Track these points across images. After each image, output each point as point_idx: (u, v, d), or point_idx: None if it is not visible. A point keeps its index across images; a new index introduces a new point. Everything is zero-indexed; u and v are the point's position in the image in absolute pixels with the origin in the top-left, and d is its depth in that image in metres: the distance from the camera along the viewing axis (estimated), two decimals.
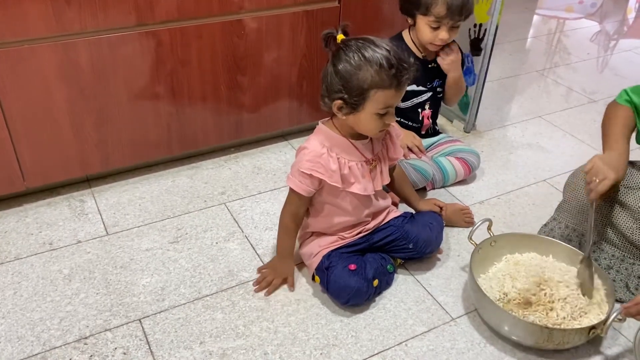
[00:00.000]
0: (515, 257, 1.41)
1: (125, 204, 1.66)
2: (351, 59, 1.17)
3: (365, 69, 1.16)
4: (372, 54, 1.16)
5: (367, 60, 1.16)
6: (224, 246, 1.52)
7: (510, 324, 1.24)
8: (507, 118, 2.24)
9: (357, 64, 1.16)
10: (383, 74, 1.16)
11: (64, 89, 1.49)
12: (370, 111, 1.20)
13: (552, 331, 1.19)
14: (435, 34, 1.62)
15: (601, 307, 1.28)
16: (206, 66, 1.66)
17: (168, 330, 1.27)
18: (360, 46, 1.17)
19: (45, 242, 1.51)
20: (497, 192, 1.79)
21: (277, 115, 1.88)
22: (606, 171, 1.26)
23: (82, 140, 1.59)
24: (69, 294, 1.35)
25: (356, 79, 1.17)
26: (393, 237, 1.40)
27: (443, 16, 1.58)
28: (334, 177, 1.27)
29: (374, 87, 1.17)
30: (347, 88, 1.19)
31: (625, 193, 1.35)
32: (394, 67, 1.16)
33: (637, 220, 1.33)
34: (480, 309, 1.33)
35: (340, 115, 1.23)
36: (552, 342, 1.21)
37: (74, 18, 1.41)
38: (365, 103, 1.19)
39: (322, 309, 1.34)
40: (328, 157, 1.26)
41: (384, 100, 1.19)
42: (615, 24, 3.49)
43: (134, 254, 1.48)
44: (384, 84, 1.17)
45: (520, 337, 1.24)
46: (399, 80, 1.17)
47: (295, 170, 1.28)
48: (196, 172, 1.82)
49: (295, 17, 1.72)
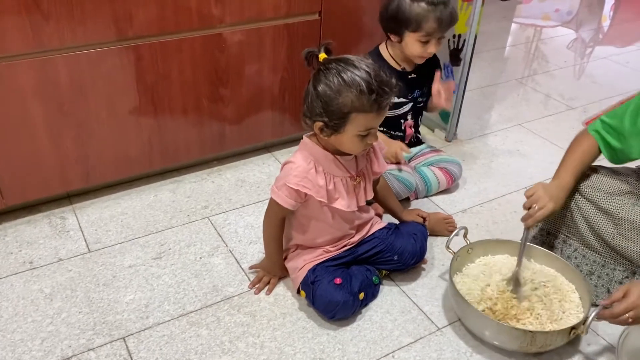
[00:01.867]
0: (487, 259, 1.45)
1: (107, 220, 1.64)
2: (331, 82, 1.16)
3: (345, 94, 1.15)
4: (352, 77, 1.15)
5: (347, 85, 1.15)
6: (208, 261, 1.50)
7: (493, 330, 1.25)
8: (488, 126, 2.27)
9: (336, 88, 1.15)
10: (363, 98, 1.15)
11: (43, 105, 1.47)
12: (351, 133, 1.20)
13: (535, 334, 1.21)
14: (425, 48, 1.62)
15: (578, 309, 1.32)
16: (187, 80, 1.65)
17: (153, 348, 1.26)
18: (341, 69, 1.16)
19: (26, 261, 1.48)
20: (479, 200, 1.81)
21: (259, 127, 1.88)
22: (546, 201, 1.31)
23: (62, 157, 1.57)
24: (51, 314, 1.33)
25: (336, 103, 1.16)
26: (378, 249, 1.40)
27: (433, 31, 1.58)
28: (321, 192, 1.27)
29: (354, 111, 1.16)
30: (327, 111, 1.18)
31: (606, 199, 1.37)
32: (374, 91, 1.15)
33: (618, 226, 1.35)
34: (462, 317, 1.34)
35: (322, 135, 1.23)
36: (535, 345, 1.23)
37: (52, 34, 1.40)
38: (346, 126, 1.19)
39: (309, 323, 1.34)
40: (315, 173, 1.26)
41: (364, 123, 1.19)
42: (590, 31, 3.56)
43: (116, 271, 1.46)
44: (364, 108, 1.16)
45: (504, 342, 1.26)
46: (379, 105, 1.17)
47: (281, 184, 1.27)
48: (178, 186, 1.81)
49: (276, 30, 1.73)
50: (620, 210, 1.34)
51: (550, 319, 1.28)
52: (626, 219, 1.33)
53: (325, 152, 1.28)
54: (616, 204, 1.36)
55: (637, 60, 3.02)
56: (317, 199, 1.27)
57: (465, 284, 1.37)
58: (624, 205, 1.35)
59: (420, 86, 1.78)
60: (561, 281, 1.39)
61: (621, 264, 1.38)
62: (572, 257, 1.44)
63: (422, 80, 1.77)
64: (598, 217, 1.38)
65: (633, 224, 1.32)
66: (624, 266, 1.38)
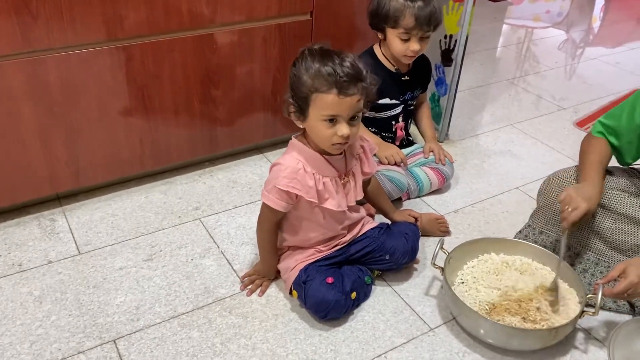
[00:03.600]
0: (474, 262, 1.45)
1: (97, 222, 1.62)
2: (300, 65, 1.20)
3: (307, 73, 1.18)
4: (321, 60, 1.18)
5: (311, 64, 1.18)
6: (200, 263, 1.50)
7: (515, 335, 1.25)
8: (479, 127, 2.27)
9: (302, 69, 1.19)
10: (322, 78, 1.17)
11: (32, 106, 1.46)
12: (315, 116, 1.21)
13: (558, 329, 1.22)
14: (406, 45, 1.63)
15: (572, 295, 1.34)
16: (178, 80, 1.65)
17: (144, 350, 1.24)
18: (314, 54, 1.19)
19: (15, 263, 1.46)
20: (471, 200, 1.81)
21: (251, 128, 1.87)
22: (579, 201, 1.30)
23: (51, 158, 1.55)
24: (40, 317, 1.31)
25: (300, 83, 1.19)
26: (370, 249, 1.40)
27: (412, 27, 1.59)
28: (311, 193, 1.26)
29: (314, 91, 1.18)
30: (294, 91, 1.22)
31: (604, 195, 1.39)
32: (336, 73, 1.16)
33: (617, 221, 1.37)
34: (473, 326, 1.31)
35: (295, 120, 1.25)
36: (556, 339, 1.25)
37: (42, 34, 1.39)
38: (310, 108, 1.20)
39: (301, 324, 1.33)
40: (304, 173, 1.26)
41: (325, 105, 1.18)
42: (581, 32, 3.58)
43: (107, 273, 1.45)
44: (322, 88, 1.17)
45: (526, 345, 1.27)
46: (340, 87, 1.16)
47: (271, 187, 1.27)
48: (170, 187, 1.80)
49: (267, 30, 1.72)
50: (618, 206, 1.36)
51: (553, 311, 1.29)
52: (625, 214, 1.35)
53: (313, 152, 1.27)
54: (615, 199, 1.37)
55: (627, 60, 3.04)
56: (307, 199, 1.26)
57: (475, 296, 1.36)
58: (622, 199, 1.37)
59: (411, 89, 1.78)
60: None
61: (615, 260, 1.39)
62: (565, 257, 1.44)
63: (415, 83, 1.77)
64: (597, 215, 1.39)
65: (632, 218, 1.34)
66: (618, 262, 1.39)
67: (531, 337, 1.25)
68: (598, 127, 1.43)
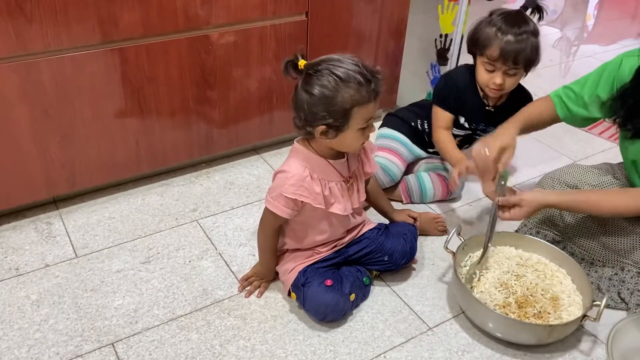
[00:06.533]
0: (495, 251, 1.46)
1: (94, 225, 1.62)
2: (327, 82, 1.15)
3: (344, 89, 1.15)
4: (346, 72, 1.15)
5: (343, 81, 1.15)
6: (197, 264, 1.49)
7: (514, 327, 1.26)
8: None
9: (334, 86, 1.15)
10: (362, 90, 1.16)
11: (27, 109, 1.45)
12: (354, 128, 1.20)
13: (554, 328, 1.24)
14: (490, 76, 1.55)
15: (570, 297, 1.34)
16: (174, 82, 1.64)
17: (142, 353, 1.24)
18: (331, 68, 1.16)
19: (12, 267, 1.46)
20: (468, 199, 1.81)
21: (248, 129, 1.87)
22: (489, 141, 1.36)
23: (47, 161, 1.55)
24: (38, 321, 1.31)
25: (338, 101, 1.15)
26: (368, 249, 1.40)
27: (495, 59, 1.51)
28: (318, 199, 1.26)
29: (355, 104, 1.16)
30: (330, 112, 1.16)
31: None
32: (370, 80, 1.16)
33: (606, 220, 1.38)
34: (483, 320, 1.32)
35: (325, 139, 1.21)
36: (552, 337, 1.26)
37: (36, 37, 1.38)
38: (350, 122, 1.18)
39: (300, 325, 1.33)
40: (311, 180, 1.25)
41: (365, 114, 1.19)
42: (575, 30, 3.59)
43: (104, 276, 1.44)
44: (364, 99, 1.16)
45: (523, 338, 1.28)
46: (377, 92, 1.18)
47: (277, 194, 1.25)
48: (166, 189, 1.79)
49: (262, 31, 1.72)
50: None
51: (554, 309, 1.30)
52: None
53: (318, 158, 1.27)
54: None
55: None
56: (314, 205, 1.26)
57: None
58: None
59: (491, 123, 1.67)
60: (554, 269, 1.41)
61: (610, 260, 1.39)
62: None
63: (498, 120, 1.57)
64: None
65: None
66: (612, 262, 1.39)
67: (527, 330, 1.25)
68: (558, 91, 1.47)
